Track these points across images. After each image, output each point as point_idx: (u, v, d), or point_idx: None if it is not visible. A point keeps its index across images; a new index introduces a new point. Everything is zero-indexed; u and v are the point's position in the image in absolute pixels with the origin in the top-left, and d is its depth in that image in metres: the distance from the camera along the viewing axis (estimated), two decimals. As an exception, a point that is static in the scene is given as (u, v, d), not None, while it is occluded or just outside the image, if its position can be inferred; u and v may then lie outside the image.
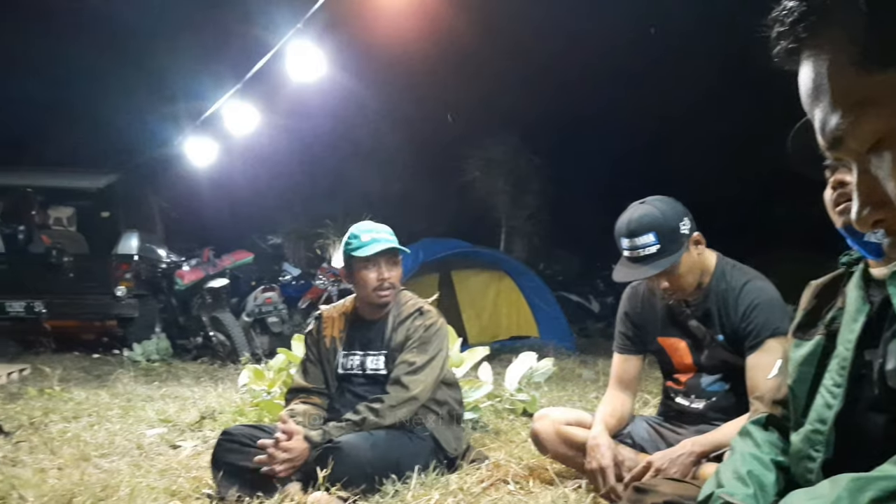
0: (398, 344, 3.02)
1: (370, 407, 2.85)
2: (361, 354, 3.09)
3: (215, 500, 2.65)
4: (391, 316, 3.08)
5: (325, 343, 3.16)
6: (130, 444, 3.84)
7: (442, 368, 3.04)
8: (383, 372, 3.02)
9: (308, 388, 3.12)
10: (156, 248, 9.62)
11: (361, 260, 3.00)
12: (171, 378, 6.94)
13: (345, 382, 3.10)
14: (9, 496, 2.63)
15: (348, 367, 3.09)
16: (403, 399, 2.87)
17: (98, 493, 2.65)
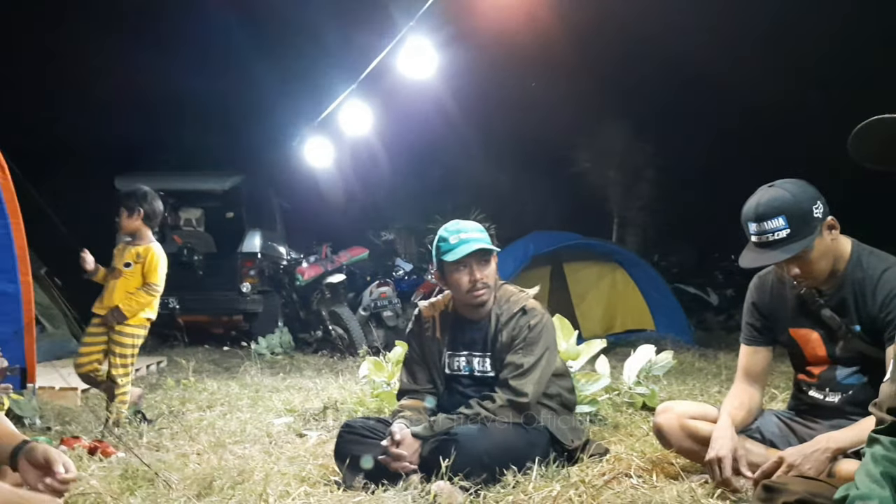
0: (503, 345, 2.95)
1: (482, 403, 2.84)
2: (466, 355, 3.06)
3: (342, 487, 2.75)
4: (493, 315, 3.01)
5: (428, 341, 3.12)
6: (260, 432, 4.03)
7: (550, 366, 2.99)
8: (491, 374, 2.99)
9: (416, 389, 3.10)
10: (277, 246, 10.05)
11: (451, 264, 2.93)
12: (294, 370, 7.23)
13: (452, 383, 3.09)
14: (156, 478, 2.82)
15: (455, 368, 3.07)
16: (513, 400, 2.84)
17: (235, 477, 2.79)
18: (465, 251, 2.90)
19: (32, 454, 1.94)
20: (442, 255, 2.96)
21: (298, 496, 2.53)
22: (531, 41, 8.50)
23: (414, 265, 10.83)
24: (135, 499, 2.53)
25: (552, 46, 9.66)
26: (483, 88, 11.51)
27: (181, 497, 2.54)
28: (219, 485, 2.70)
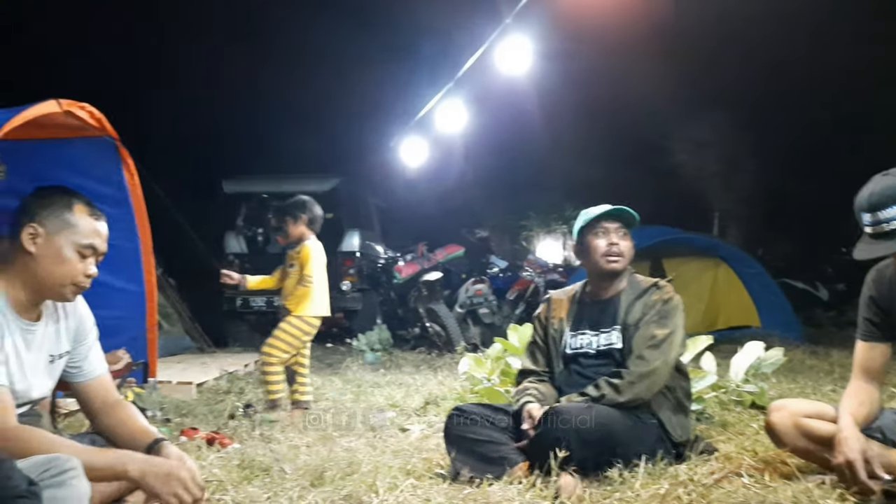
0: (635, 319, 2.98)
1: (610, 381, 2.85)
2: (592, 334, 3.08)
3: (448, 479, 2.79)
4: (624, 294, 3.07)
5: (552, 326, 3.19)
6: (364, 426, 4.14)
7: (679, 346, 2.98)
8: (617, 346, 3.00)
9: (536, 371, 3.18)
10: (374, 245, 10.25)
11: (590, 226, 3.08)
12: (394, 366, 7.36)
13: (572, 364, 3.10)
14: (271, 467, 2.95)
15: (576, 347, 3.10)
16: (644, 373, 2.86)
17: (344, 468, 2.89)
18: (603, 209, 3.08)
19: (166, 449, 2.10)
20: (583, 223, 3.12)
21: (406, 489, 2.58)
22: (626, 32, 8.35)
23: (508, 262, 10.81)
24: (252, 487, 2.65)
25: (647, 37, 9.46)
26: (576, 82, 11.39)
27: (295, 486, 2.65)
28: (330, 475, 2.80)
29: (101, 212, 2.25)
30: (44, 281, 2.13)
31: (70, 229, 2.14)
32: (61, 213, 2.14)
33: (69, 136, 4.58)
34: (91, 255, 2.18)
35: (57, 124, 4.24)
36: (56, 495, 1.66)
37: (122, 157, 4.93)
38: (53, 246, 2.12)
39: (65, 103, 4.08)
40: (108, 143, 4.79)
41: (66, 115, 4.14)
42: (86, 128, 4.45)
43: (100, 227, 2.21)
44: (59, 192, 2.20)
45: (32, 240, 2.11)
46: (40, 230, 2.11)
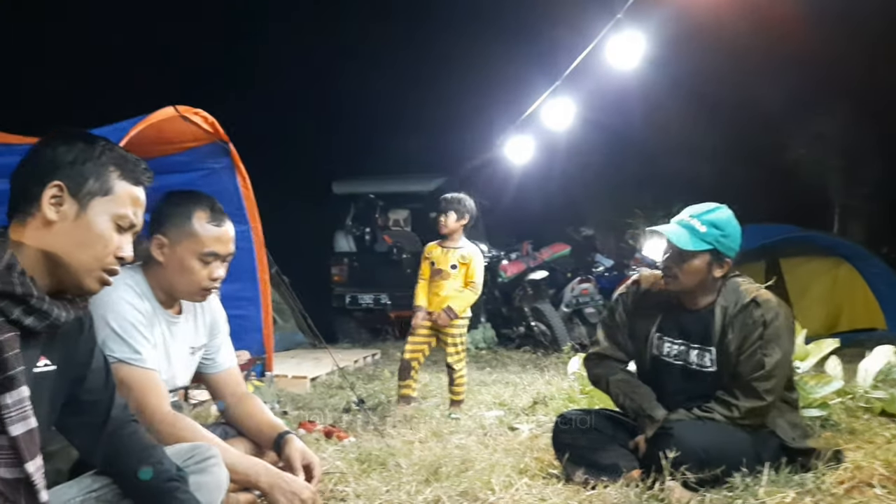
0: (734, 343, 2.74)
1: (721, 412, 2.71)
2: (682, 344, 2.86)
3: (561, 480, 2.79)
4: (719, 307, 2.80)
5: (638, 312, 2.98)
6: (474, 424, 4.18)
7: (790, 366, 2.82)
8: (711, 369, 2.80)
9: (613, 356, 3.01)
10: (478, 244, 10.28)
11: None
12: (499, 365, 7.38)
13: (660, 368, 2.91)
14: (388, 461, 3.04)
15: (664, 353, 2.89)
16: (756, 408, 2.70)
17: (458, 465, 2.93)
18: (658, 229, 2.85)
19: (291, 444, 2.21)
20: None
21: (521, 487, 2.60)
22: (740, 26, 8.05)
23: (614, 261, 10.62)
24: (371, 480, 2.74)
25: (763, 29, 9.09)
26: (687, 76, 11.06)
27: (412, 480, 2.72)
28: (445, 471, 2.85)
29: (223, 215, 2.31)
30: (173, 286, 2.27)
31: (191, 239, 2.22)
32: (182, 224, 2.22)
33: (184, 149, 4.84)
34: (214, 261, 2.26)
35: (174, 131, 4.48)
36: (199, 481, 1.77)
37: (234, 161, 5.17)
38: (177, 256, 2.22)
39: (181, 109, 4.31)
40: (220, 148, 5.03)
41: (182, 121, 4.36)
42: (199, 137, 4.69)
43: (221, 233, 2.26)
44: (182, 200, 2.27)
45: (159, 250, 2.23)
46: (165, 240, 2.22)
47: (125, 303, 2.15)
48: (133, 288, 2.20)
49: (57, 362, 1.61)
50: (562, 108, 7.16)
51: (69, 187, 1.53)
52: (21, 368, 1.44)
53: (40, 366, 1.56)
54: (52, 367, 1.59)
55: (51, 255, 1.52)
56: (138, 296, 2.21)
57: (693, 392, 2.83)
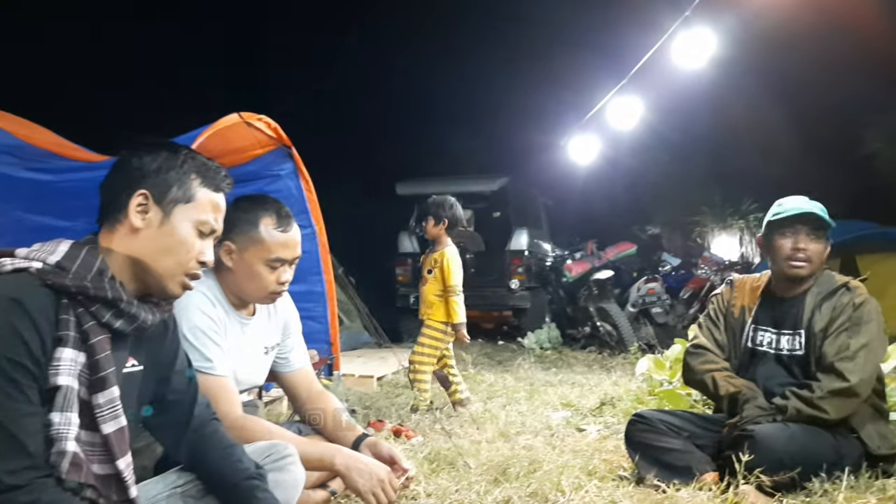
0: (821, 324, 2.75)
1: (799, 394, 2.67)
2: (774, 332, 2.89)
3: (632, 482, 2.76)
4: (810, 294, 2.83)
5: (733, 311, 3.02)
6: (540, 424, 4.16)
7: (878, 355, 2.72)
8: (800, 353, 2.80)
9: (713, 351, 2.99)
10: (542, 244, 10.26)
11: (777, 224, 2.86)
12: (564, 365, 7.34)
13: (753, 358, 2.93)
14: (456, 461, 3.06)
15: (757, 343, 2.92)
16: (838, 389, 2.62)
17: (527, 466, 2.93)
18: (795, 211, 2.83)
19: (377, 447, 2.25)
20: (771, 216, 2.91)
21: (591, 489, 2.59)
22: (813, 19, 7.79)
23: (681, 260, 10.43)
24: (441, 479, 2.76)
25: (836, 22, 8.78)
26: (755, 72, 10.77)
27: (481, 480, 2.73)
28: (513, 472, 2.85)
29: (290, 219, 2.34)
30: (243, 291, 2.32)
31: (257, 246, 2.26)
32: (248, 230, 2.26)
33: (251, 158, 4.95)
34: (282, 266, 2.30)
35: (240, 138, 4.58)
36: (277, 479, 1.83)
37: (297, 165, 5.27)
38: (244, 262, 2.27)
39: (244, 115, 4.41)
40: (283, 153, 5.14)
41: (246, 128, 4.47)
42: (264, 144, 4.79)
43: (287, 239, 2.30)
44: (249, 206, 2.30)
45: (228, 256, 2.29)
46: (233, 247, 2.27)
47: (198, 310, 2.22)
48: (206, 294, 2.27)
49: (144, 363, 1.68)
50: (627, 107, 7.08)
51: (154, 195, 1.60)
52: (112, 369, 1.51)
53: (128, 366, 1.63)
54: (139, 368, 1.67)
55: (137, 261, 1.59)
56: (211, 302, 2.28)
57: (785, 379, 2.82)
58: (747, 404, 2.71)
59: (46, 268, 1.46)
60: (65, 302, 1.46)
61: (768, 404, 2.72)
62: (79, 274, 1.48)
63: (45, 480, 1.36)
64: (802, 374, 2.80)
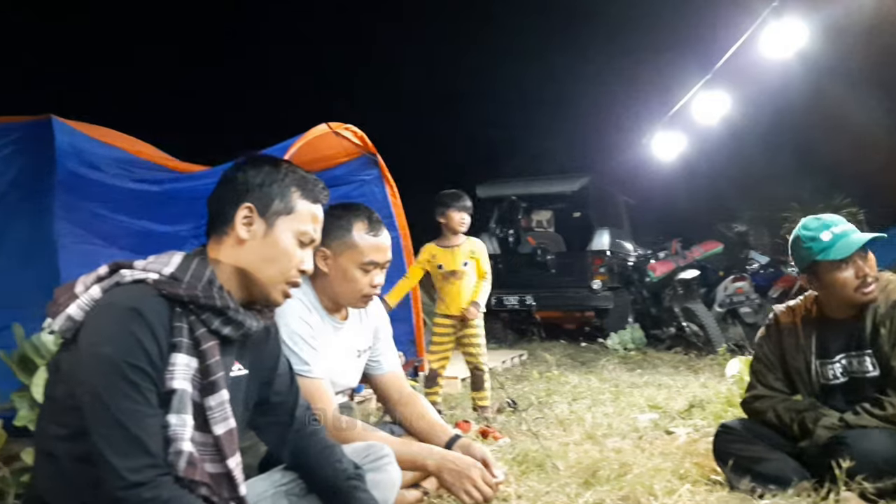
0: (888, 337, 2.57)
1: (870, 411, 2.55)
2: (841, 359, 2.71)
3: (725, 487, 2.72)
4: (869, 308, 2.63)
5: (790, 349, 2.81)
6: (627, 427, 4.12)
7: None
8: (873, 373, 2.63)
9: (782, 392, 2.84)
10: (624, 243, 10.13)
11: (833, 263, 2.60)
12: (649, 366, 7.22)
13: (831, 391, 2.75)
14: (545, 462, 3.07)
15: (829, 377, 2.73)
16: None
17: (617, 469, 2.92)
18: (852, 247, 2.59)
19: (470, 449, 2.29)
20: (817, 255, 2.64)
21: (684, 494, 2.56)
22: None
23: (770, 257, 10.10)
24: (530, 481, 2.78)
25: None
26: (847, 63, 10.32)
27: (570, 483, 2.73)
28: (603, 475, 2.84)
29: (381, 224, 2.45)
30: (337, 295, 2.41)
31: (351, 251, 2.36)
32: (342, 236, 2.37)
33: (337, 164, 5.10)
34: (374, 269, 2.39)
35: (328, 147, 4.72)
36: (375, 478, 1.89)
37: (382, 171, 5.38)
38: (339, 267, 2.37)
39: (332, 125, 4.54)
40: (368, 160, 5.26)
41: (334, 137, 4.60)
42: (350, 152, 4.93)
43: (379, 243, 2.40)
44: (342, 213, 2.41)
45: (324, 261, 2.38)
46: (328, 252, 2.37)
47: (295, 316, 2.32)
48: (302, 300, 2.36)
49: (248, 367, 1.77)
50: (713, 102, 6.91)
51: (258, 208, 1.68)
52: (222, 374, 1.60)
53: (234, 370, 1.72)
54: (244, 372, 1.75)
55: (242, 271, 1.67)
56: (307, 308, 2.38)
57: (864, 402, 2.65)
58: (816, 426, 2.61)
59: (162, 278, 1.56)
60: (178, 310, 1.55)
61: (838, 422, 2.60)
62: (191, 284, 1.57)
63: (165, 478, 1.45)
64: (880, 394, 2.62)
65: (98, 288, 1.54)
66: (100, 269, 1.58)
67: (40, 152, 3.66)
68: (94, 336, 1.47)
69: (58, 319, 1.53)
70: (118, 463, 1.40)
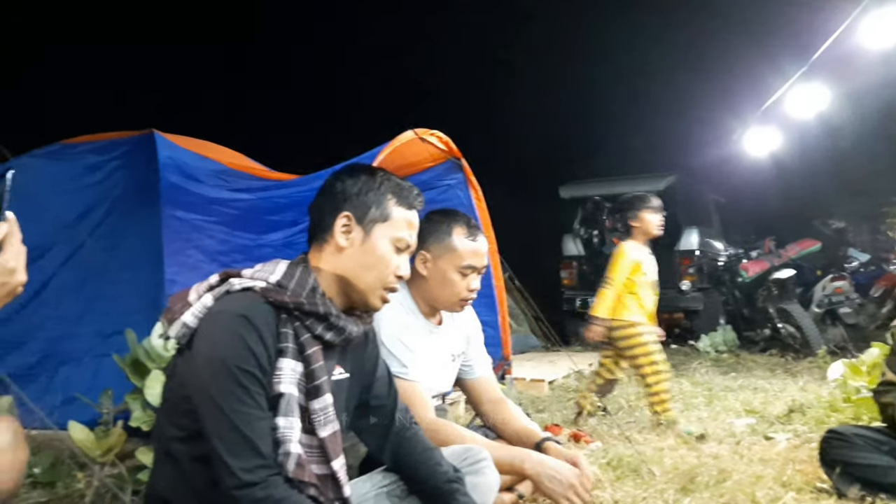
0: None
1: None
2: None
3: (832, 495, 2.61)
4: None
5: None
6: (722, 432, 4.02)
7: None
8: None
9: None
10: (714, 243, 9.85)
11: None
12: (743, 369, 7.00)
13: None
14: (639, 468, 3.02)
15: None
16: None
17: (715, 475, 2.85)
18: None
19: (561, 452, 2.29)
20: None
21: (788, 502, 2.48)
22: None
23: (871, 255, 9.64)
24: (626, 486, 2.74)
25: None
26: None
27: (668, 488, 2.68)
28: (701, 481, 2.78)
29: (478, 229, 2.48)
30: (435, 298, 2.45)
31: (450, 255, 2.40)
32: (442, 240, 2.41)
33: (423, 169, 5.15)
34: (472, 273, 2.42)
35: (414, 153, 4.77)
36: (474, 482, 1.90)
37: (467, 175, 5.40)
38: (439, 270, 2.40)
39: (419, 132, 4.59)
40: (453, 164, 5.29)
41: (420, 143, 4.64)
42: (436, 157, 4.96)
43: (477, 247, 2.43)
44: (441, 218, 2.45)
45: (423, 265, 2.42)
46: (428, 256, 2.41)
47: (393, 320, 2.36)
48: (401, 304, 2.41)
49: (349, 371, 1.81)
50: (809, 94, 6.64)
51: (356, 216, 1.72)
52: (325, 378, 1.65)
53: (336, 374, 1.77)
54: (345, 375, 1.80)
55: (342, 278, 1.72)
56: (405, 311, 2.42)
57: None
58: None
59: (268, 286, 1.62)
60: (284, 316, 1.61)
61: None
62: (295, 291, 1.63)
63: (276, 478, 1.50)
64: None
65: (210, 296, 1.61)
66: (211, 278, 1.66)
67: (145, 166, 3.86)
68: (208, 342, 1.54)
69: (174, 326, 1.60)
70: (233, 463, 1.46)
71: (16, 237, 1.35)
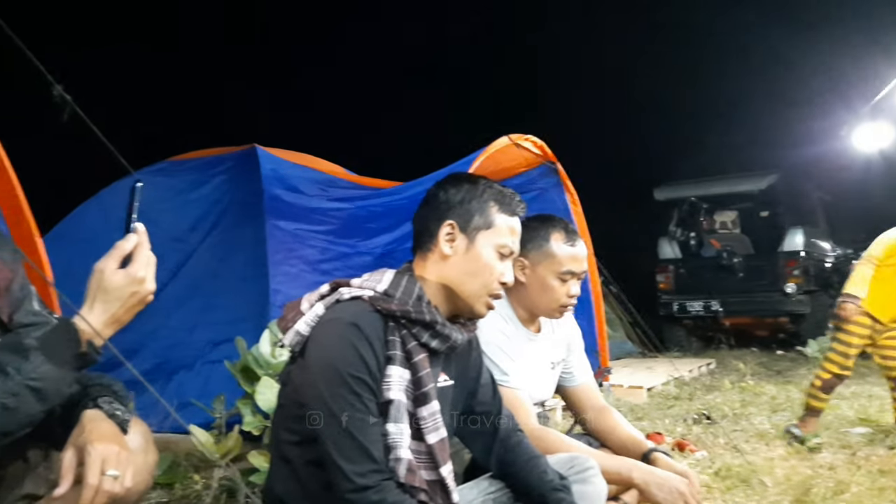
0: None
1: None
2: None
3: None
4: None
5: None
6: (836, 441, 3.84)
7: None
8: None
9: None
10: (820, 243, 9.41)
11: None
12: (856, 376, 6.60)
13: None
14: (750, 478, 2.92)
15: None
16: None
17: (832, 487, 2.72)
18: None
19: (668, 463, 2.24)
20: None
21: (914, 516, 2.34)
22: None
23: None
24: (737, 497, 2.66)
25: None
26: None
27: (781, 500, 2.58)
28: (817, 493, 2.66)
29: (576, 235, 2.44)
30: (535, 305, 2.43)
31: (549, 260, 2.37)
32: (540, 246, 2.38)
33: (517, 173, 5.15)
34: (571, 279, 2.39)
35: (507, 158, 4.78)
36: (581, 490, 1.88)
37: (562, 179, 5.36)
38: (538, 276, 2.38)
39: (513, 137, 4.59)
40: (548, 169, 5.26)
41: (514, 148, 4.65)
42: (530, 162, 4.95)
43: (576, 252, 2.39)
44: (539, 223, 2.41)
45: (522, 271, 2.40)
46: (527, 262, 2.39)
47: (493, 327, 2.36)
48: (499, 311, 2.40)
49: (454, 377, 1.83)
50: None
51: (459, 224, 1.74)
52: (432, 385, 1.67)
53: (441, 381, 1.79)
54: (450, 382, 1.81)
55: (446, 286, 1.74)
56: (503, 319, 2.42)
57: None
58: None
59: (376, 295, 1.65)
60: (391, 325, 1.64)
61: None
62: (402, 300, 1.66)
63: (389, 482, 1.53)
64: None
65: (321, 305, 1.66)
66: (322, 288, 1.71)
67: (248, 180, 4.01)
68: (320, 350, 1.59)
69: (288, 335, 1.66)
70: (346, 467, 1.50)
71: (145, 248, 1.44)
